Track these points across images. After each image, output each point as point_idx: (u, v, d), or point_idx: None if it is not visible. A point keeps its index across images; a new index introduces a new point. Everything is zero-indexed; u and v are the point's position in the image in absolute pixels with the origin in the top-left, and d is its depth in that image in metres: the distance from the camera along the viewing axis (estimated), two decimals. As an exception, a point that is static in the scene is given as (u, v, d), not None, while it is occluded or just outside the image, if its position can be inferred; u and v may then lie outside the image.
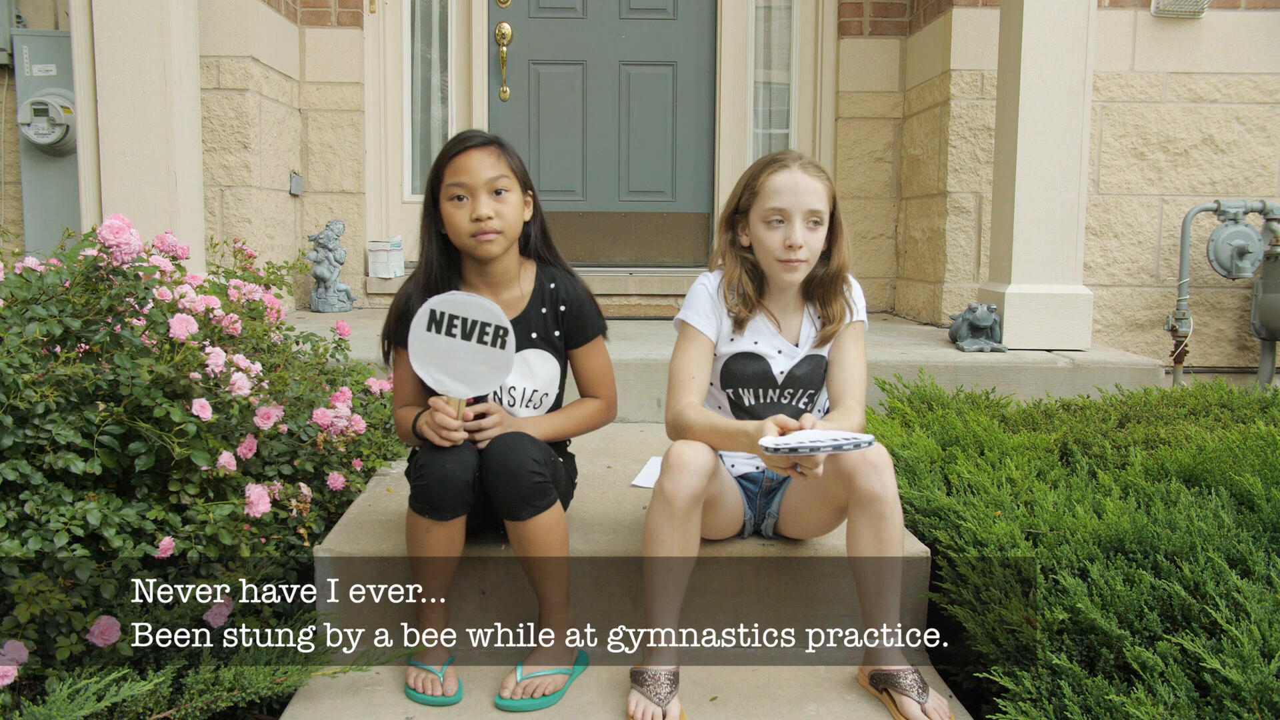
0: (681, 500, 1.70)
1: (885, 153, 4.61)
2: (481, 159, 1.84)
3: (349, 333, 2.67)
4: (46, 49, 3.84)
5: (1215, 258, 4.12)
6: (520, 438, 1.77)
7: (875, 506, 1.71)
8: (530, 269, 1.98)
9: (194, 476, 1.84)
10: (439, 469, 1.74)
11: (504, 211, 1.85)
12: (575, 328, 1.97)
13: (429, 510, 1.76)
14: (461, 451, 1.77)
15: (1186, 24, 4.15)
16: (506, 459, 1.74)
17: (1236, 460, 2.06)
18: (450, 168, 1.85)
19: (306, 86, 4.47)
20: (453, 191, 1.85)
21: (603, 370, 2.01)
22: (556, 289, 1.96)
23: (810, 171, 1.83)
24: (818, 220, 1.83)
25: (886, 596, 1.75)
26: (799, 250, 1.81)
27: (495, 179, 1.84)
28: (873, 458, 1.71)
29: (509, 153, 1.89)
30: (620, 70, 4.79)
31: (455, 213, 1.85)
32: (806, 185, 1.81)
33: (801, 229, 1.82)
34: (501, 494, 1.74)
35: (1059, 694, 1.56)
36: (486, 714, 1.73)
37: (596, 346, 2.00)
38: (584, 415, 1.99)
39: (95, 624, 1.57)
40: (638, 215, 4.89)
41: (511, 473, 1.73)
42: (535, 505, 1.75)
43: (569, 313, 1.96)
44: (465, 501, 1.77)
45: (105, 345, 1.86)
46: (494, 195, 1.84)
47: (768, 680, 1.87)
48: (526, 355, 1.94)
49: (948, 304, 4.13)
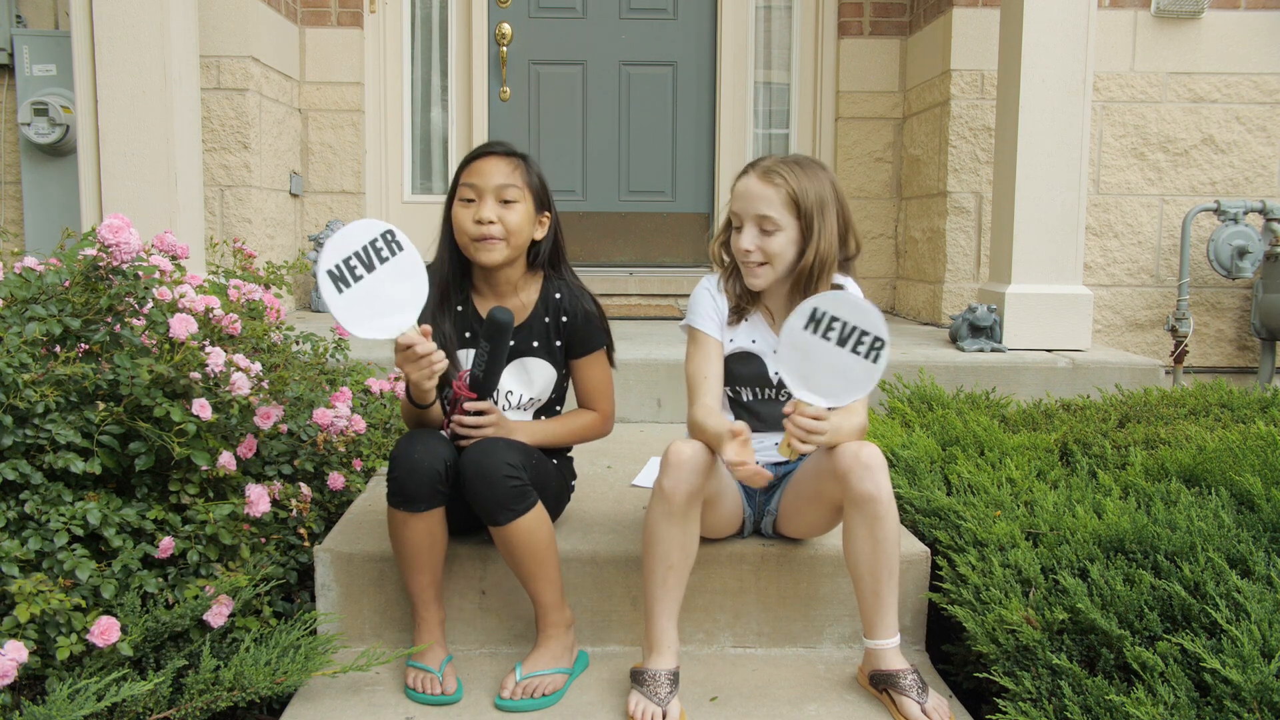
0: (680, 498, 1.70)
1: (885, 153, 4.61)
2: (496, 165, 1.87)
3: (349, 333, 2.66)
4: (46, 49, 3.84)
5: (1215, 258, 4.12)
6: (495, 443, 1.77)
7: (870, 507, 1.71)
8: (536, 280, 1.99)
9: (194, 476, 1.84)
10: (408, 460, 1.73)
11: (508, 220, 1.86)
12: (576, 340, 1.97)
13: (402, 502, 1.75)
14: (431, 441, 1.76)
15: (1186, 24, 4.15)
16: (482, 464, 1.73)
17: (1236, 460, 2.06)
18: (467, 170, 1.89)
19: (306, 86, 4.47)
20: (463, 193, 1.88)
21: (601, 384, 2.02)
22: (561, 299, 1.97)
23: (767, 177, 1.83)
24: (772, 225, 1.83)
25: (884, 597, 1.75)
26: (749, 255, 1.84)
27: (505, 186, 1.86)
28: (866, 458, 1.71)
29: (530, 169, 1.91)
30: (620, 70, 4.79)
31: (461, 212, 1.88)
32: (755, 191, 1.83)
33: (752, 234, 1.84)
34: (479, 499, 1.74)
35: (1059, 694, 1.56)
36: (486, 714, 1.73)
37: (597, 360, 2.00)
38: (578, 425, 2.00)
39: (95, 624, 1.57)
40: (638, 215, 4.89)
41: (486, 478, 1.72)
42: (513, 509, 1.74)
43: (570, 324, 1.96)
44: (439, 492, 1.76)
45: (105, 345, 1.86)
46: (501, 202, 1.86)
47: (768, 680, 1.87)
48: (525, 362, 1.95)
49: (948, 304, 4.13)
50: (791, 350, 1.65)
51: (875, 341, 1.62)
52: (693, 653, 1.97)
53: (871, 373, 1.63)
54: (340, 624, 1.95)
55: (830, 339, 1.63)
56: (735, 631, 2.00)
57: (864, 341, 1.62)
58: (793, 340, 1.65)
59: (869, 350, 1.62)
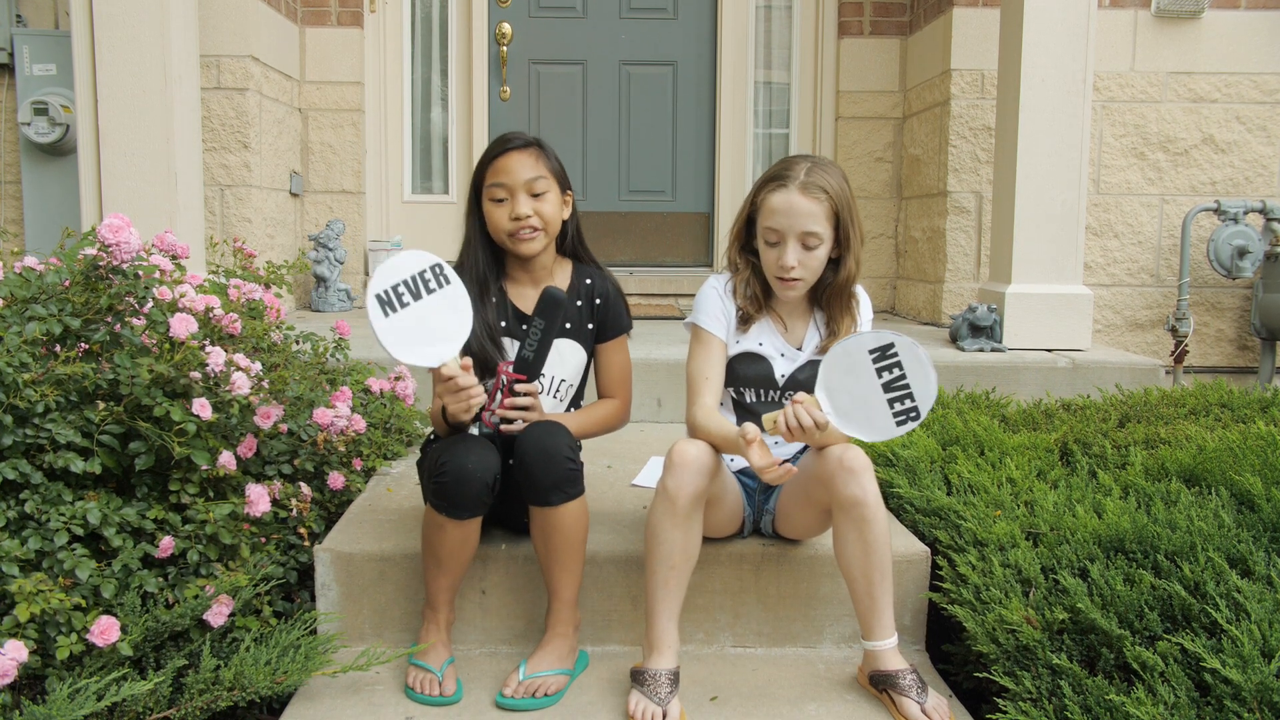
0: (684, 499, 1.70)
1: (885, 152, 4.61)
2: (521, 160, 1.89)
3: (349, 332, 2.67)
4: (46, 48, 3.84)
5: (1215, 257, 4.12)
6: (557, 425, 1.79)
7: (857, 511, 1.71)
8: (566, 265, 2.04)
9: (194, 476, 1.84)
10: (461, 468, 1.72)
11: (543, 210, 1.90)
12: (608, 321, 2.01)
13: (446, 508, 1.75)
14: (484, 452, 1.75)
15: (1186, 24, 4.15)
16: (544, 442, 1.74)
17: (1237, 460, 2.06)
18: (491, 169, 1.91)
19: (307, 86, 4.47)
20: (494, 193, 1.90)
21: (624, 369, 2.05)
22: (593, 284, 2.02)
23: (810, 192, 1.78)
24: (815, 240, 1.81)
25: (879, 598, 1.75)
26: (792, 271, 1.82)
27: (534, 179, 1.89)
28: (849, 463, 1.71)
29: (548, 154, 1.94)
30: (620, 70, 4.79)
31: (496, 211, 1.91)
32: (801, 208, 1.78)
33: (795, 251, 1.81)
34: (535, 478, 1.74)
35: (1059, 694, 1.56)
36: (486, 713, 1.73)
37: (621, 344, 2.05)
38: (603, 415, 2.01)
39: (95, 624, 1.57)
40: (638, 215, 4.89)
41: (549, 455, 1.73)
42: (567, 492, 1.75)
43: (604, 306, 2.01)
44: (484, 503, 1.76)
45: (105, 344, 1.86)
46: (533, 195, 1.89)
47: (768, 680, 1.87)
48: (559, 345, 1.97)
49: (948, 304, 4.13)
50: (843, 358, 1.64)
51: (913, 410, 1.63)
52: (693, 652, 1.97)
53: (890, 431, 1.64)
54: (340, 624, 1.95)
55: (881, 377, 1.63)
56: (735, 631, 2.00)
57: (905, 402, 1.63)
58: (850, 350, 1.64)
59: (903, 412, 1.63)
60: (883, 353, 1.62)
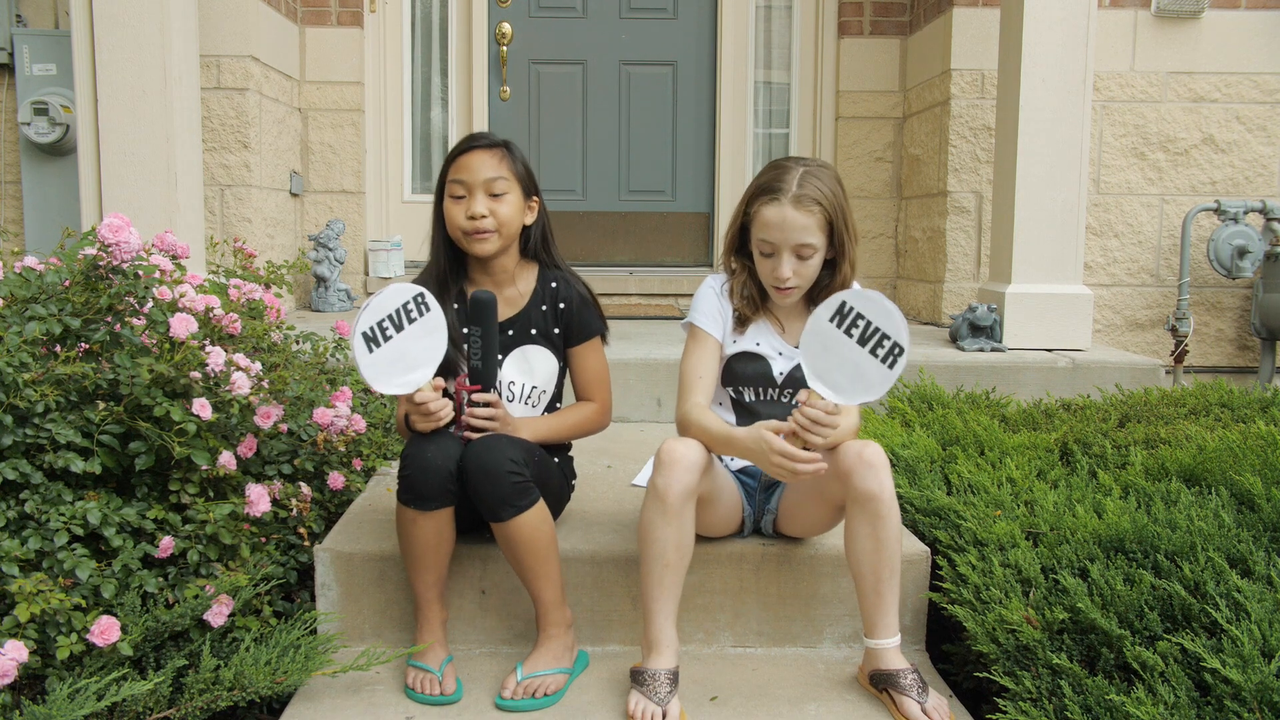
0: (673, 496, 1.70)
1: (885, 152, 4.61)
2: (483, 159, 1.88)
3: (349, 332, 2.66)
4: (46, 48, 3.84)
5: (1215, 257, 4.12)
6: (498, 439, 1.77)
7: (872, 506, 1.72)
8: (531, 269, 2.01)
9: (194, 476, 1.84)
10: (421, 459, 1.74)
11: (499, 211, 1.88)
12: (574, 325, 1.99)
13: (413, 500, 1.76)
14: (444, 441, 1.77)
15: (1186, 24, 4.15)
16: (484, 460, 1.73)
17: (1237, 460, 2.06)
18: (454, 165, 1.90)
19: (307, 86, 4.47)
20: (453, 189, 1.90)
21: (599, 372, 2.03)
22: (558, 288, 1.99)
23: (803, 205, 1.78)
24: (809, 251, 1.82)
25: (885, 596, 1.75)
26: (787, 281, 1.83)
27: (493, 179, 1.88)
28: (869, 457, 1.72)
29: (514, 157, 1.92)
30: (620, 70, 4.79)
31: (454, 208, 1.90)
32: (795, 222, 1.79)
33: (790, 263, 1.82)
34: (481, 495, 1.74)
35: (1059, 694, 1.56)
36: (486, 713, 1.72)
37: (594, 347, 2.02)
38: (579, 419, 2.01)
39: (95, 624, 1.57)
40: (638, 215, 4.89)
41: (489, 474, 1.73)
42: (515, 505, 1.74)
43: (568, 310, 1.98)
44: (449, 491, 1.76)
45: (105, 344, 1.86)
46: (491, 195, 1.88)
47: (768, 680, 1.87)
48: (526, 351, 1.95)
49: (948, 304, 4.13)
50: (814, 339, 1.66)
51: (894, 347, 1.63)
52: (693, 652, 1.97)
53: (886, 377, 1.64)
54: (340, 623, 1.95)
55: (852, 336, 1.64)
56: (735, 631, 2.00)
57: (884, 345, 1.63)
58: (816, 329, 1.66)
59: (887, 355, 1.63)
60: (840, 314, 1.65)
